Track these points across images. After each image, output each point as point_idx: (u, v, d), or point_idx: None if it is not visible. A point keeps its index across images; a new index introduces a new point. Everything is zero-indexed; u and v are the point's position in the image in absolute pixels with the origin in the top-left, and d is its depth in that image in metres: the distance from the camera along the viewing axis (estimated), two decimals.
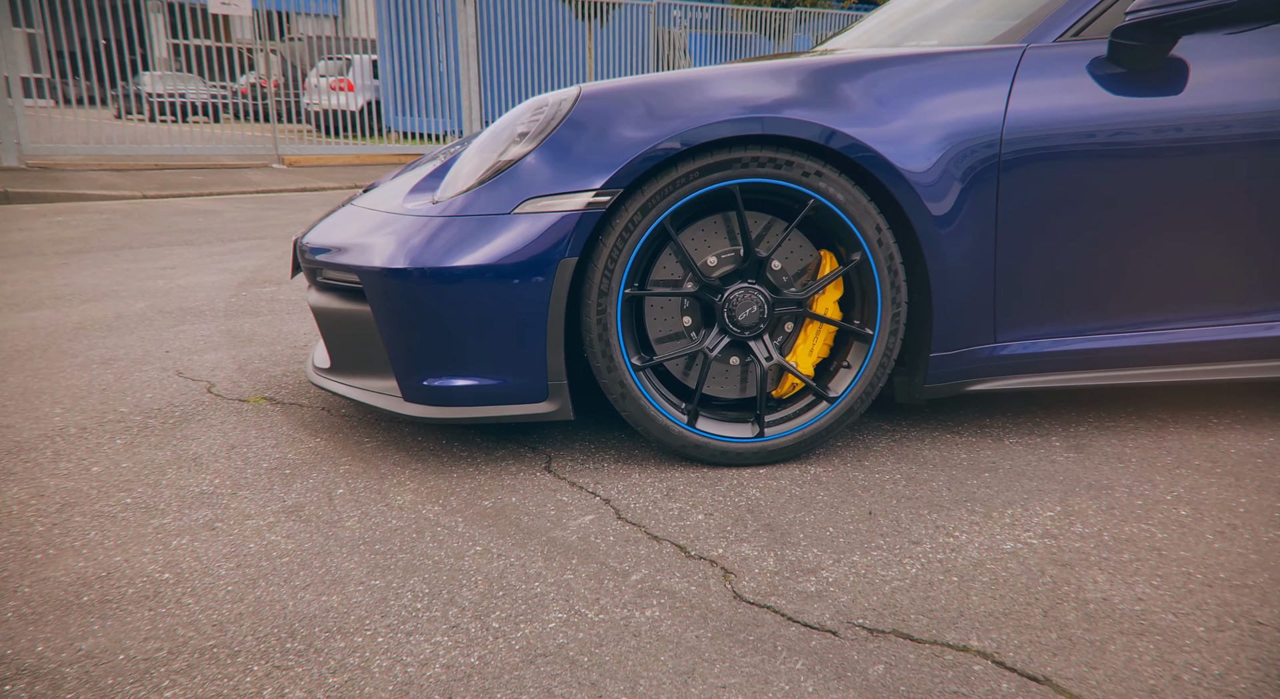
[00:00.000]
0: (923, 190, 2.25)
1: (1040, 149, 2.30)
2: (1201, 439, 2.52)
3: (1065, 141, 2.31)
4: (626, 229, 2.23)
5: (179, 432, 2.69)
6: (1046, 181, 2.32)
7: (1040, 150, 2.30)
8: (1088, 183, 2.33)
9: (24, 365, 3.47)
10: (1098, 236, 2.38)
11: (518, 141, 2.31)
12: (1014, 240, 2.35)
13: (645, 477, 2.32)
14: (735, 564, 1.86)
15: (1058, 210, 2.34)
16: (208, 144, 12.80)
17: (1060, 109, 2.32)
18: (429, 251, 2.23)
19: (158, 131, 12.81)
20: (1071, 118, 2.32)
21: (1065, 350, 2.44)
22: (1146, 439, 2.52)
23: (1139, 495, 2.16)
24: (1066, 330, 2.44)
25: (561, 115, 2.29)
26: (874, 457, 2.43)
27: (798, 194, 2.26)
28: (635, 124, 2.23)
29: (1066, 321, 2.44)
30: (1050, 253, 2.38)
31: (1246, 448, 2.46)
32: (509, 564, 1.86)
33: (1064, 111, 2.32)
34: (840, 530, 2.01)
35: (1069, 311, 2.43)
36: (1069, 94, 2.33)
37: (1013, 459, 2.39)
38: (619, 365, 2.29)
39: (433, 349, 2.28)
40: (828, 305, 2.40)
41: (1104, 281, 2.42)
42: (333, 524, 2.05)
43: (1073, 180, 2.33)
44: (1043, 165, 2.31)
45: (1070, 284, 2.41)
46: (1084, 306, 2.43)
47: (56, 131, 11.95)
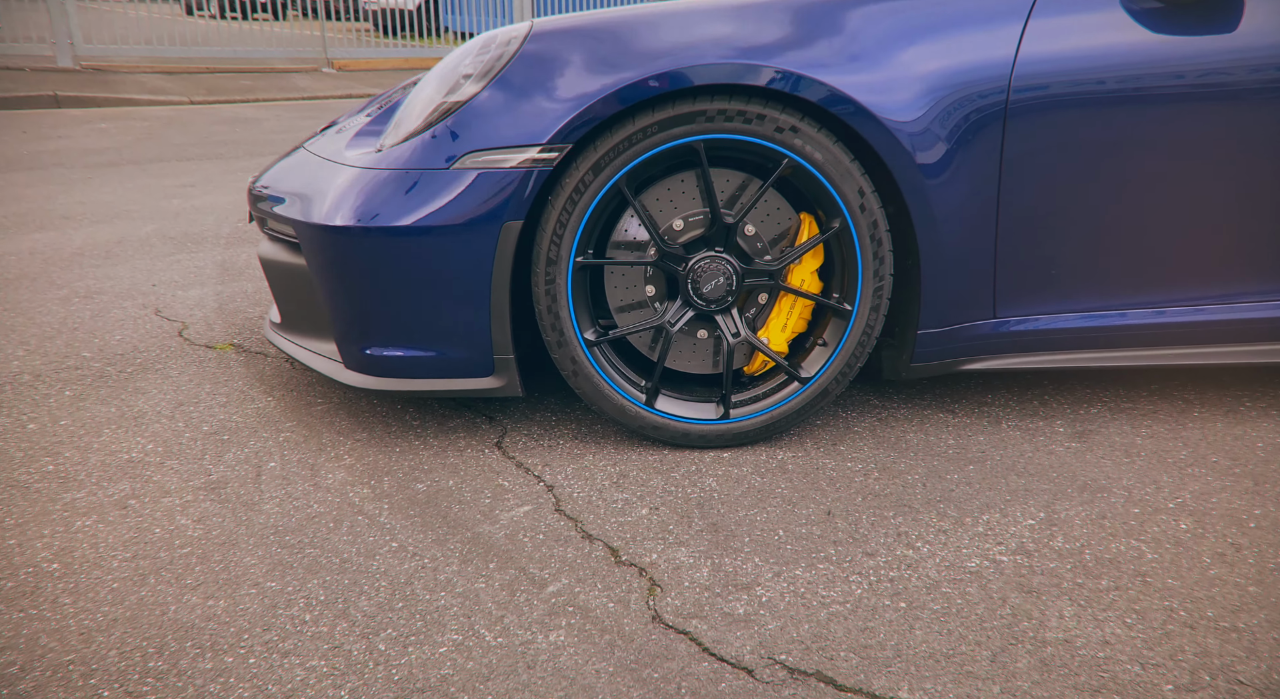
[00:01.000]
0: (913, 148, 1.97)
1: (1057, 97, 2.00)
2: (1227, 428, 2.26)
3: (1087, 89, 2.00)
4: (577, 190, 2.00)
5: (133, 383, 2.59)
6: (1063, 137, 2.02)
7: (1057, 99, 2.00)
8: (1113, 138, 2.03)
9: (6, 297, 3.39)
10: (1121, 201, 2.08)
11: (462, 84, 2.08)
12: (1020, 205, 2.07)
13: (600, 458, 2.14)
14: (666, 574, 1.69)
15: (1076, 171, 2.05)
16: (260, 46, 12.57)
17: (1083, 50, 2.00)
18: (364, 208, 2.04)
19: (218, 31, 12.61)
20: (1097, 60, 2.00)
21: (1077, 328, 2.18)
22: (1163, 427, 2.27)
23: (1138, 501, 1.93)
24: (1079, 305, 2.17)
25: (509, 56, 2.05)
26: (852, 439, 2.22)
27: (771, 152, 2.01)
28: (589, 69, 1.98)
29: (1081, 296, 2.16)
30: (1063, 219, 2.09)
31: (1277, 441, 2.19)
32: (421, 566, 1.72)
33: (1088, 53, 2.00)
34: (791, 534, 1.82)
35: (1084, 285, 2.16)
36: (1096, 32, 2.01)
37: (1005, 448, 2.16)
38: (570, 340, 2.10)
39: (371, 315, 2.10)
40: (805, 276, 2.16)
41: (1126, 252, 2.13)
42: (250, 507, 1.93)
43: (1095, 135, 2.03)
44: (1059, 117, 2.01)
45: (1086, 255, 2.13)
46: (1102, 280, 2.15)
47: (118, 29, 11.79)
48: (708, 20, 2.00)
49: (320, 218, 2.08)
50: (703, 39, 1.96)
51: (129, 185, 5.82)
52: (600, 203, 2.02)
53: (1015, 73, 1.99)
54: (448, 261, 2.03)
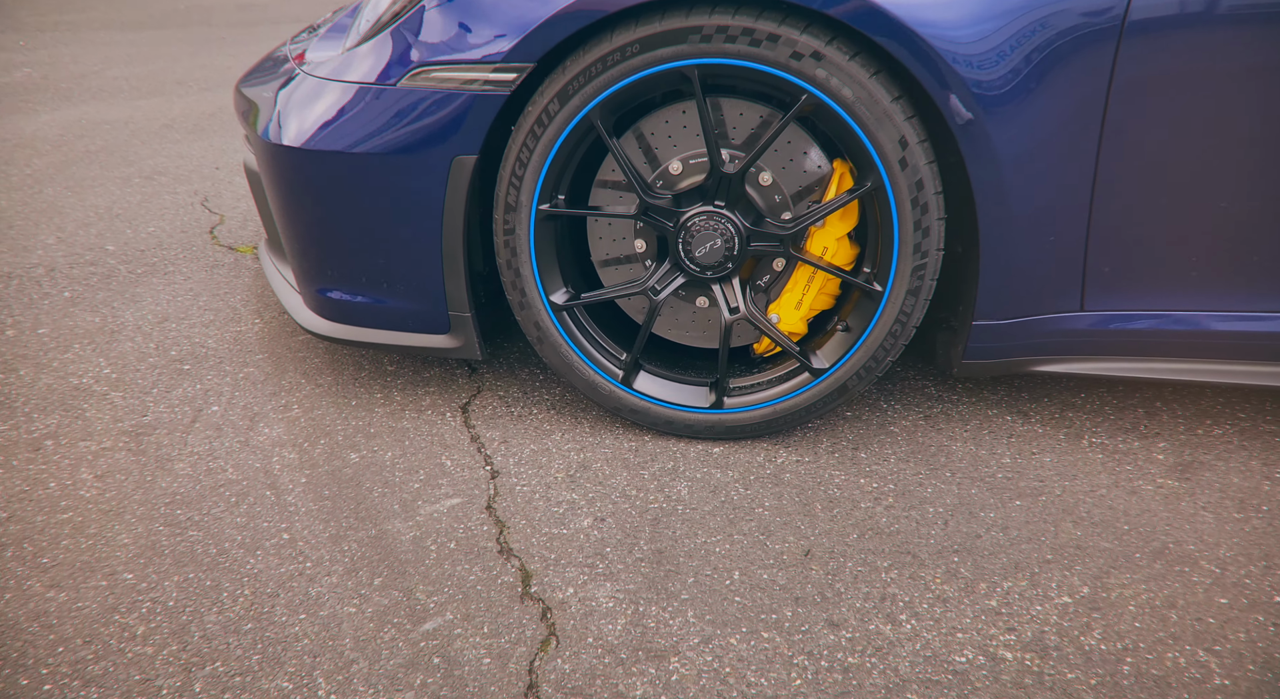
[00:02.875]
0: (973, 76, 1.45)
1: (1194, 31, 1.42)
2: None
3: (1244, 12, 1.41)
4: (539, 122, 1.60)
5: (136, 287, 2.43)
6: (1203, 69, 1.45)
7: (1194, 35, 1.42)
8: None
9: (75, 175, 3.32)
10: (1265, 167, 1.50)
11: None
12: (1136, 159, 1.52)
13: (570, 438, 1.82)
14: (573, 621, 1.37)
15: (1228, 114, 1.47)
16: None
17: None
18: (309, 126, 1.72)
19: None
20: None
21: (1205, 331, 1.63)
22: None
23: (1230, 586, 1.43)
24: (1210, 302, 1.62)
25: None
26: (880, 443, 1.79)
27: (787, 85, 1.53)
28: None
29: (1215, 289, 1.61)
30: (1201, 183, 1.53)
31: None
32: (300, 571, 1.46)
33: None
34: (747, 580, 1.45)
35: (1223, 275, 1.60)
36: None
37: (1076, 477, 1.68)
38: (533, 301, 1.74)
39: (324, 252, 1.81)
40: (829, 242, 1.69)
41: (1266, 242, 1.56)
42: (163, 464, 1.72)
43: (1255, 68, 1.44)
44: (1204, 39, 1.43)
45: (1232, 234, 1.57)
46: (1253, 269, 1.59)
47: None
48: None
49: (268, 133, 1.77)
50: None
51: (257, 48, 5.70)
52: (572, 137, 1.61)
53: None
54: (395, 198, 1.69)
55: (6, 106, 4.32)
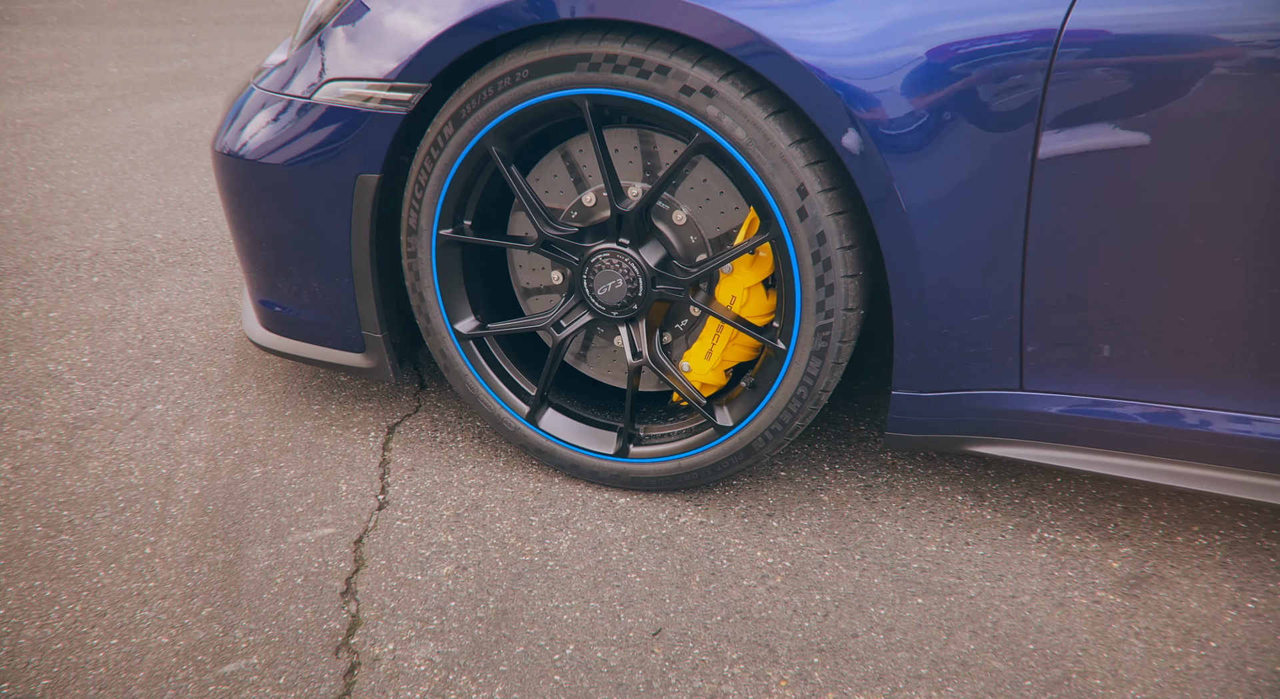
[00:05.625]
0: (881, 132, 1.24)
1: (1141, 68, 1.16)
2: None
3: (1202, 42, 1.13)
4: (435, 145, 1.49)
5: (158, 277, 2.49)
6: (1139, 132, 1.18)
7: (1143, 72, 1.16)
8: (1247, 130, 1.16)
9: (166, 162, 3.46)
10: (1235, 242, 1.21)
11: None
12: (1072, 223, 1.26)
13: (477, 474, 1.71)
14: (372, 684, 1.26)
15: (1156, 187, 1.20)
16: None
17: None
18: (241, 134, 1.68)
19: None
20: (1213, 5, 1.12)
21: (1172, 428, 1.35)
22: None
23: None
24: (1176, 395, 1.34)
25: None
26: (799, 513, 1.59)
27: (681, 121, 1.36)
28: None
29: (1182, 380, 1.33)
30: (1124, 262, 1.26)
31: None
32: (128, 593, 1.42)
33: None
34: (579, 657, 1.30)
35: (1190, 362, 1.32)
36: None
37: (1004, 579, 1.43)
38: (438, 328, 1.64)
39: (257, 261, 1.77)
40: (737, 292, 1.51)
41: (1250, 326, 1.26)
42: (78, 463, 1.72)
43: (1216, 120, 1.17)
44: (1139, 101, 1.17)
45: (1197, 315, 1.29)
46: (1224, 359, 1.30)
47: None
48: None
49: (215, 140, 1.75)
50: None
51: None
52: (469, 161, 1.49)
53: (1068, 25, 1.16)
54: (309, 212, 1.63)
55: (148, 95, 4.57)
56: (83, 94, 4.43)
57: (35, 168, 3.35)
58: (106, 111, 4.13)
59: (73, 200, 3.04)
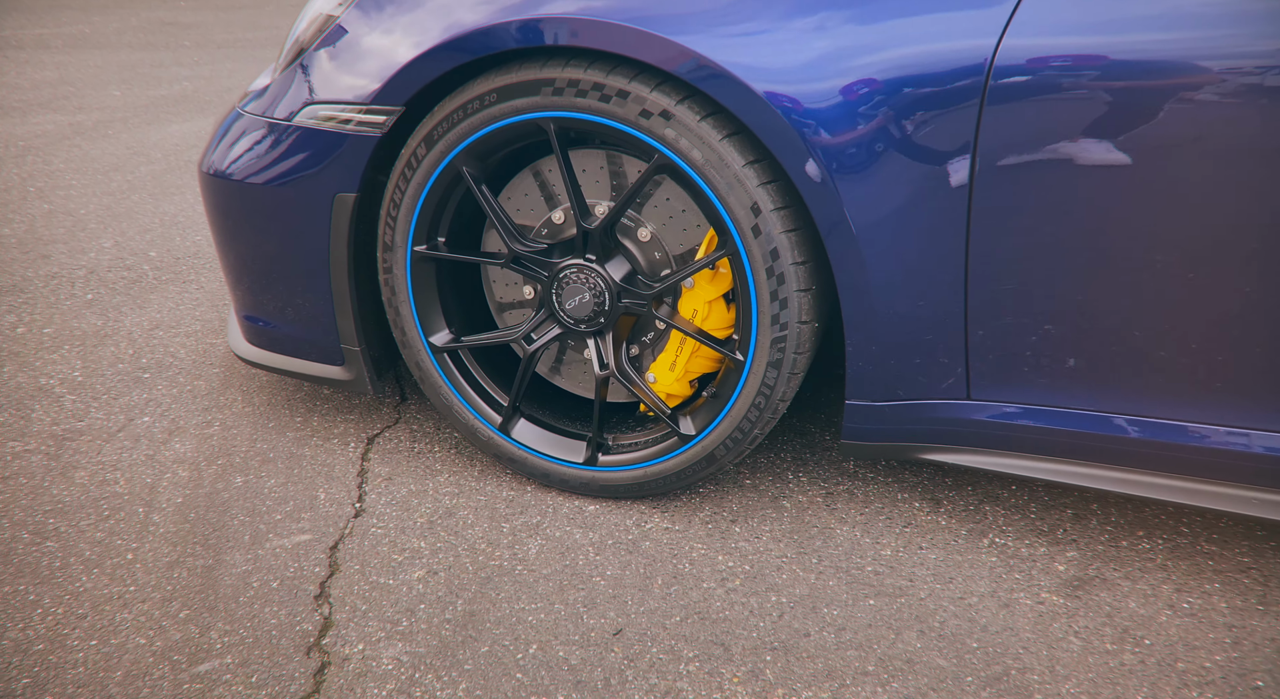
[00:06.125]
0: (826, 154, 1.29)
1: (1066, 108, 1.20)
2: None
3: (1123, 90, 1.18)
4: (409, 165, 1.54)
5: (151, 294, 2.53)
6: (1075, 163, 1.23)
7: (1067, 111, 1.20)
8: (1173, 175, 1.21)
9: (164, 182, 3.51)
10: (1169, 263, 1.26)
11: (322, 14, 1.66)
12: (1010, 244, 1.31)
13: (452, 482, 1.75)
14: (341, 683, 1.30)
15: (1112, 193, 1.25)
16: None
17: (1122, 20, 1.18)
18: (226, 156, 1.73)
19: None
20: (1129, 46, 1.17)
21: (1092, 434, 1.40)
22: (1220, 607, 1.44)
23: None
24: (1116, 404, 1.38)
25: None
26: (762, 519, 1.63)
27: (641, 143, 1.41)
28: (433, 9, 1.48)
29: (1120, 390, 1.37)
30: (1063, 282, 1.31)
31: None
32: (109, 597, 1.45)
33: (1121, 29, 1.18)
34: (541, 655, 1.34)
35: (1128, 374, 1.36)
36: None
37: (953, 582, 1.47)
38: (413, 341, 1.68)
39: (240, 277, 1.82)
40: (698, 305, 1.55)
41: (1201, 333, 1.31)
42: (65, 472, 1.76)
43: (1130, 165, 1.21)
44: (1072, 134, 1.22)
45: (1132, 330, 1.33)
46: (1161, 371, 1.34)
47: None
48: None
49: (201, 159, 1.80)
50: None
51: None
52: (441, 181, 1.54)
53: (999, 54, 1.21)
54: (288, 231, 1.67)
55: (148, 117, 4.63)
56: (85, 117, 4.49)
57: (35, 188, 3.40)
58: (107, 134, 4.19)
59: (70, 220, 3.09)
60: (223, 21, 7.80)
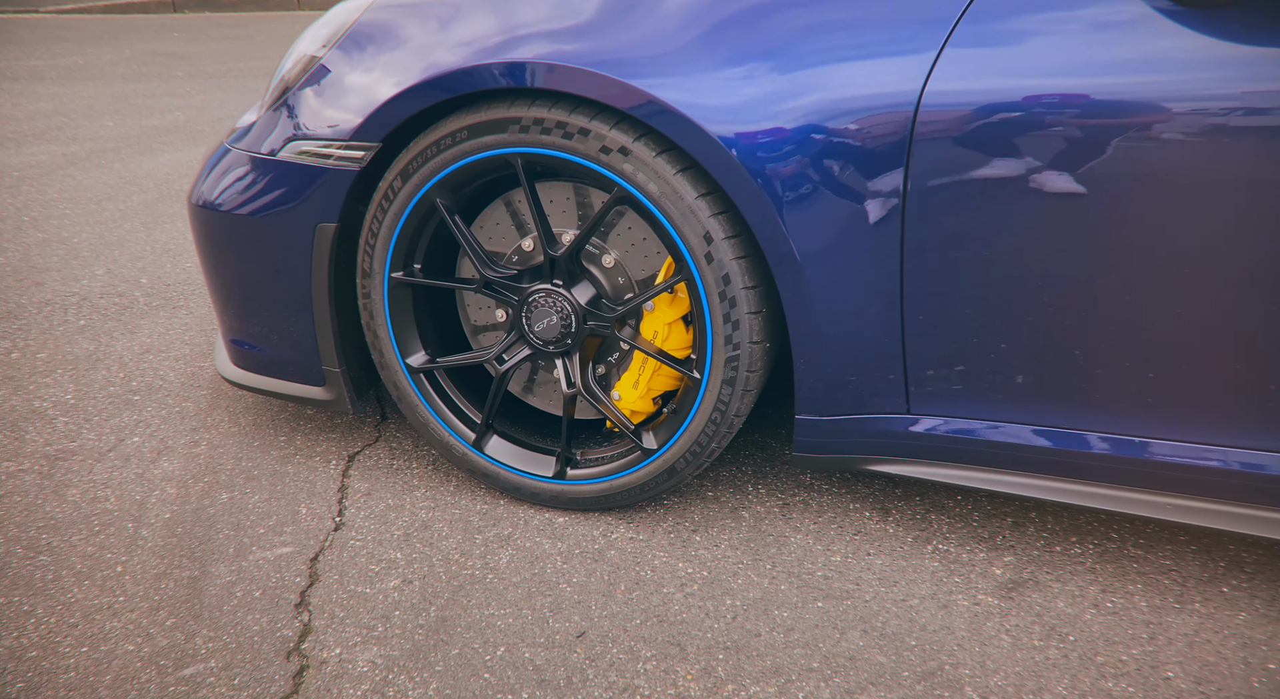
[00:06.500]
0: (771, 187, 1.38)
1: (985, 145, 1.30)
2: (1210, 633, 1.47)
3: (1035, 128, 1.28)
4: (386, 196, 1.62)
5: (142, 319, 2.59)
6: (995, 195, 1.32)
7: (986, 148, 1.30)
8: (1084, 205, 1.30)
9: (155, 211, 3.57)
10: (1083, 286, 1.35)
11: (305, 57, 1.75)
12: (940, 273, 1.40)
13: (428, 497, 1.82)
14: (318, 684, 1.36)
15: (1026, 229, 1.34)
16: None
17: (1035, 67, 1.28)
18: (213, 188, 1.80)
19: None
20: (1040, 89, 1.27)
21: (1020, 445, 1.48)
22: (1140, 607, 1.52)
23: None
24: (1040, 417, 1.47)
25: (343, 30, 1.68)
26: (721, 528, 1.70)
27: (601, 176, 1.50)
28: (409, 53, 1.57)
29: (1043, 405, 1.46)
30: (992, 304, 1.40)
31: None
32: (99, 607, 1.51)
33: (1034, 75, 1.27)
34: (509, 657, 1.40)
35: (1046, 392, 1.45)
36: (1059, 42, 1.27)
37: (899, 584, 1.55)
38: (390, 362, 1.76)
39: (227, 302, 1.89)
40: (659, 327, 1.64)
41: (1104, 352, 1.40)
42: (57, 490, 1.82)
43: (1045, 196, 1.31)
44: (991, 169, 1.31)
45: (1047, 351, 1.42)
46: (1077, 389, 1.43)
47: None
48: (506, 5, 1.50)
49: (191, 191, 1.88)
50: (490, 30, 1.48)
51: None
52: (417, 211, 1.62)
53: (925, 97, 1.30)
54: (273, 259, 1.75)
55: (141, 147, 4.70)
56: (78, 147, 4.56)
57: (29, 218, 3.46)
58: (100, 164, 4.26)
59: (64, 248, 3.15)
60: (214, 53, 7.90)
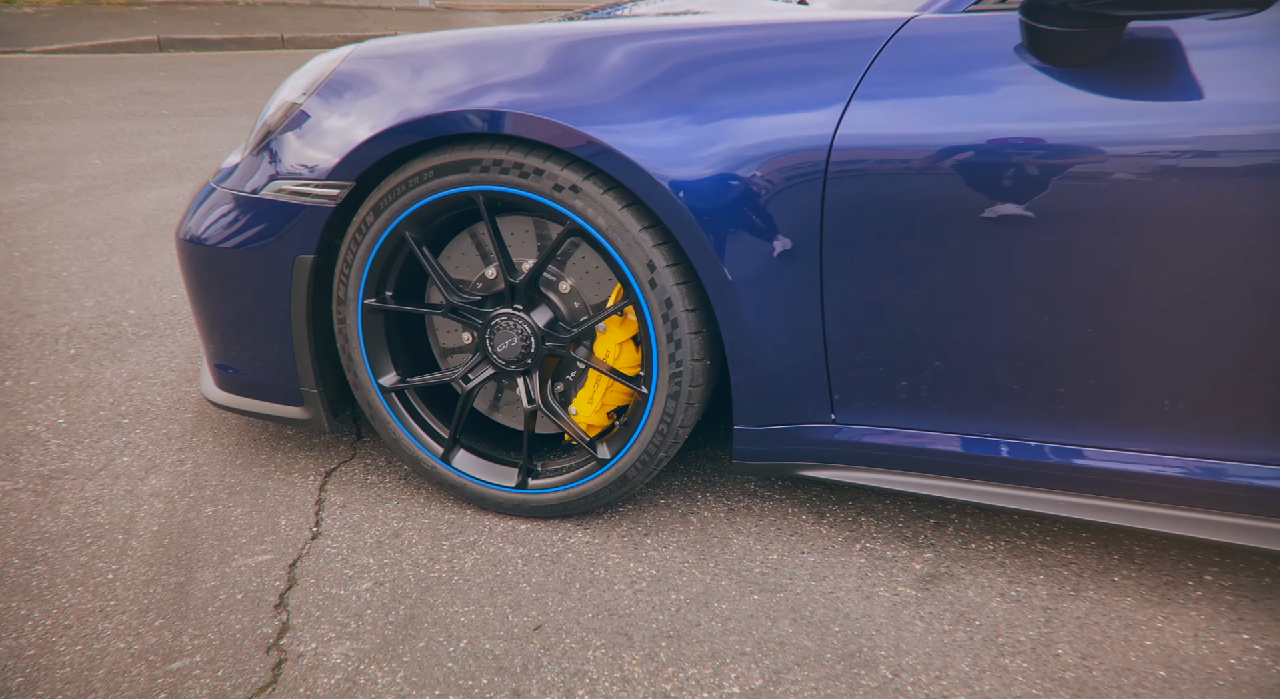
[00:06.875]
0: (705, 221, 1.52)
1: (886, 172, 1.45)
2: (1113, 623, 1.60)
3: (930, 170, 1.43)
4: (360, 230, 1.76)
5: (130, 348, 2.70)
6: (898, 227, 1.48)
7: (885, 174, 1.45)
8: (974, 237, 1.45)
9: (142, 246, 3.67)
10: (978, 309, 1.50)
11: (285, 105, 1.88)
12: (854, 298, 1.55)
13: (399, 508, 1.93)
14: (295, 674, 1.47)
15: (924, 261, 1.49)
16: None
17: (924, 121, 1.43)
18: (200, 224, 1.93)
19: None
20: (934, 136, 1.43)
21: (931, 450, 1.62)
22: (1040, 594, 1.66)
23: (892, 690, 1.41)
24: (937, 423, 1.61)
25: (321, 80, 1.82)
26: (670, 532, 1.83)
27: (555, 212, 1.64)
28: (382, 100, 1.71)
29: (936, 413, 1.60)
30: (901, 323, 1.55)
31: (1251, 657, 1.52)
32: (92, 610, 1.62)
33: (928, 124, 1.43)
34: (470, 648, 1.52)
35: (941, 401, 1.59)
36: (938, 98, 1.43)
37: (825, 578, 1.68)
38: (364, 383, 1.88)
39: (212, 329, 2.01)
40: (610, 347, 1.77)
41: (988, 371, 1.54)
42: (51, 506, 1.92)
43: (940, 229, 1.46)
44: (889, 194, 1.47)
45: (938, 365, 1.57)
46: (962, 399, 1.58)
47: None
48: (485, 55, 1.65)
49: (179, 227, 2.00)
50: (457, 81, 1.62)
51: None
52: (388, 244, 1.76)
53: (836, 142, 1.46)
54: (255, 289, 1.87)
55: (129, 183, 4.81)
56: (67, 184, 4.67)
57: (20, 253, 3.56)
58: (88, 200, 4.37)
59: (54, 282, 3.26)
60: (200, 91, 8.03)
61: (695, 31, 1.61)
